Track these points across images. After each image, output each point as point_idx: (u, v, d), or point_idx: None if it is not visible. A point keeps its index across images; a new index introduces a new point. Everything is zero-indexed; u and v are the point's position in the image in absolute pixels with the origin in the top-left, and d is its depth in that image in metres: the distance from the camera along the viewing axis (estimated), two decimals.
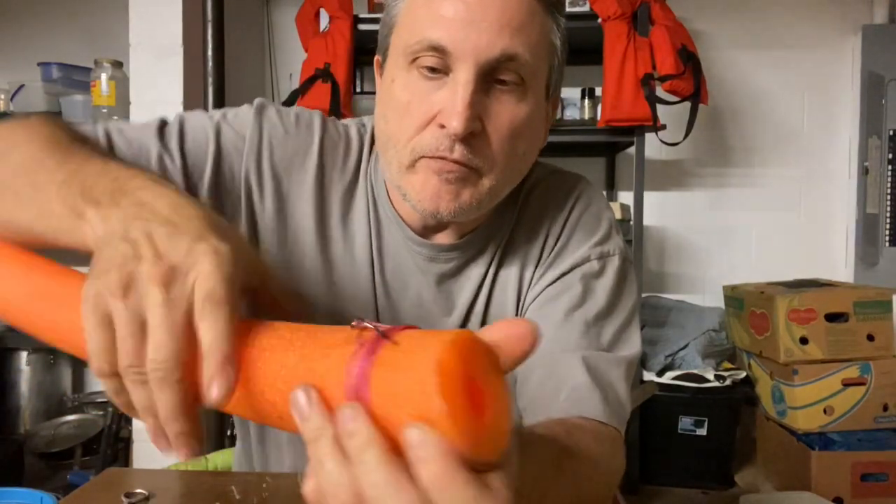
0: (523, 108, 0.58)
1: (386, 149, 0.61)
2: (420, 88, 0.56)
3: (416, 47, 0.56)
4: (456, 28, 0.54)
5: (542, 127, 0.64)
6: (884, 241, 2.51)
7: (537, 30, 0.57)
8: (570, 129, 2.21)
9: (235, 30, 2.13)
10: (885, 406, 1.99)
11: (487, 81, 0.56)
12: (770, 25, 2.57)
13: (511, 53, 0.55)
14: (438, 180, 0.56)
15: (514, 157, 0.59)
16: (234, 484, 0.64)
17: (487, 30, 0.54)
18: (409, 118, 0.56)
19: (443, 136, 0.55)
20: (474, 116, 0.54)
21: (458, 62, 0.54)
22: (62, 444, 2.15)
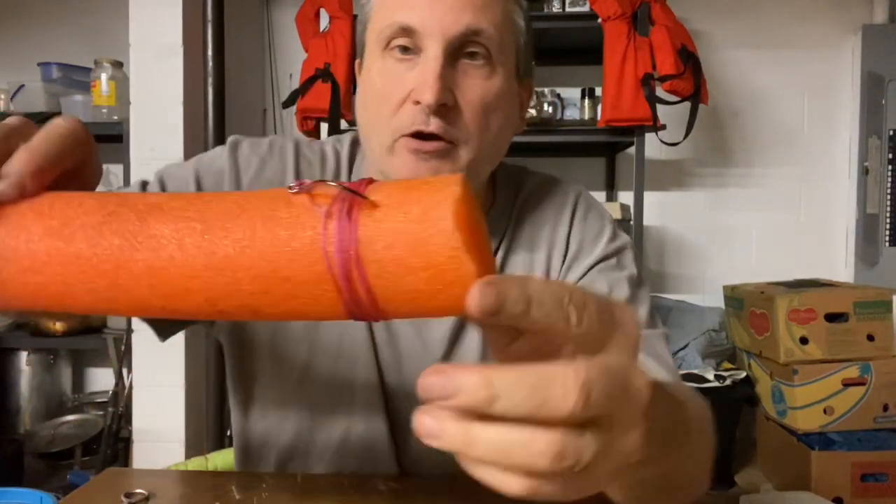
0: (494, 83, 0.61)
1: (368, 136, 0.63)
2: (394, 71, 0.60)
3: (386, 31, 0.60)
4: (422, 8, 0.58)
5: (516, 108, 0.67)
6: (884, 241, 2.51)
7: (500, 8, 0.61)
8: (570, 129, 2.21)
9: (235, 30, 2.14)
10: (885, 406, 1.99)
11: (456, 57, 0.59)
12: (770, 25, 2.57)
13: (475, 28, 0.58)
14: (416, 159, 0.59)
15: (488, 130, 0.61)
16: (234, 484, 0.64)
17: (452, 8, 0.58)
18: (386, 100, 0.59)
19: (418, 112, 0.58)
20: (445, 88, 0.57)
21: (427, 40, 0.58)
22: (62, 444, 2.15)
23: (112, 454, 2.03)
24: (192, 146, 1.92)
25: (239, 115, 2.32)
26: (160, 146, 1.90)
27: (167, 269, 0.30)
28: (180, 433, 1.92)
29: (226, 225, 0.30)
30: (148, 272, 0.30)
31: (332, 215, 0.28)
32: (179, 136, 1.89)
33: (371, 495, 0.63)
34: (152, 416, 1.93)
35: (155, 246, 0.30)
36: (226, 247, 0.30)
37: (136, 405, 1.95)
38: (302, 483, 0.65)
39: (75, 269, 0.31)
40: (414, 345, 0.68)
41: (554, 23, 2.19)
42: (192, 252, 0.30)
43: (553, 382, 0.25)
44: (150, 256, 0.30)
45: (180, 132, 1.90)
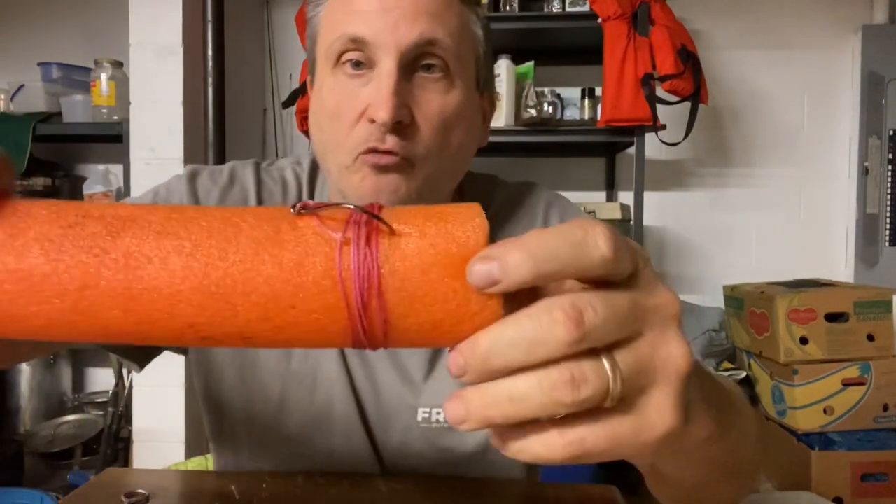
0: (453, 97, 0.58)
1: (325, 157, 0.60)
2: (347, 88, 0.57)
3: (336, 45, 0.56)
4: (373, 19, 0.54)
5: (478, 121, 0.64)
6: (884, 241, 2.51)
7: (455, 17, 0.57)
8: (570, 129, 2.21)
9: (235, 30, 2.13)
10: (885, 406, 1.99)
11: (412, 70, 0.56)
12: (770, 25, 2.57)
13: (430, 38, 0.55)
14: (375, 175, 0.56)
15: (448, 146, 0.58)
16: (234, 484, 0.64)
17: (404, 17, 0.54)
18: (340, 119, 0.57)
19: (374, 129, 0.55)
20: (401, 104, 0.54)
21: (380, 52, 0.55)
22: (62, 444, 2.15)
23: (112, 454, 2.03)
24: (192, 146, 1.92)
25: (239, 115, 2.32)
26: (160, 146, 1.90)
27: (147, 291, 0.27)
28: (180, 433, 1.92)
29: (220, 244, 0.27)
30: (123, 294, 0.27)
31: (349, 241, 0.26)
32: (179, 136, 1.89)
33: (371, 495, 0.62)
34: (152, 416, 1.93)
35: (132, 265, 0.27)
36: (221, 269, 0.27)
37: (136, 405, 1.95)
38: (302, 483, 0.65)
39: (27, 287, 0.27)
40: (391, 375, 0.67)
41: (554, 23, 2.19)
42: (179, 273, 0.27)
43: (536, 319, 0.24)
44: (126, 276, 0.27)
45: (180, 132, 1.90)
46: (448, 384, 0.66)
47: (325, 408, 0.67)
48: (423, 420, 0.66)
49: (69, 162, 2.57)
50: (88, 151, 2.58)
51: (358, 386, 0.67)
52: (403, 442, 0.67)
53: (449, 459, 0.67)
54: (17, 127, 2.13)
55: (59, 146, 2.51)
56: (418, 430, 0.66)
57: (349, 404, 0.66)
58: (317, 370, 0.67)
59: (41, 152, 2.28)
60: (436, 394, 0.67)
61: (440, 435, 0.66)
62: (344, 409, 0.66)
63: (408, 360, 0.67)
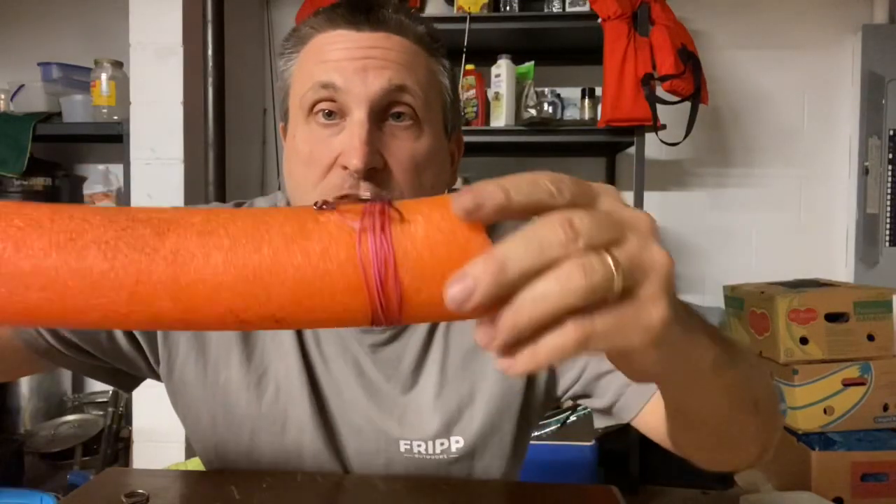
0: (422, 143, 0.60)
1: (297, 202, 0.61)
2: (320, 136, 0.58)
3: (309, 94, 0.58)
4: (343, 67, 0.57)
5: (448, 164, 0.66)
6: (884, 241, 2.51)
7: (423, 68, 0.61)
8: (570, 129, 2.21)
9: (235, 30, 2.13)
10: (885, 406, 1.99)
11: (382, 119, 0.58)
12: (770, 25, 2.57)
13: (399, 84, 0.57)
14: None
15: (421, 189, 0.59)
16: (234, 484, 0.64)
17: (374, 66, 0.57)
18: (313, 166, 0.58)
19: (346, 176, 0.56)
20: (374, 151, 0.56)
21: (351, 101, 0.57)
22: (62, 444, 2.15)
23: (112, 454, 2.03)
24: (192, 146, 1.92)
25: (239, 115, 2.32)
26: (160, 146, 1.90)
27: (193, 282, 0.30)
28: (180, 433, 1.92)
29: (254, 240, 0.31)
30: (172, 286, 0.30)
31: (366, 230, 0.30)
32: (179, 136, 1.89)
33: (371, 495, 0.62)
34: (152, 416, 1.93)
35: (179, 260, 0.30)
36: (257, 260, 0.30)
37: (136, 405, 1.95)
38: (302, 483, 0.65)
39: (88, 284, 0.30)
40: (369, 410, 0.67)
41: (554, 23, 2.19)
42: (221, 266, 0.30)
43: (536, 230, 0.28)
44: (174, 270, 0.30)
45: (180, 132, 1.89)
46: (427, 415, 0.66)
47: (295, 450, 0.67)
48: (405, 451, 0.66)
49: (69, 162, 2.57)
50: (88, 151, 2.58)
51: (334, 425, 0.67)
52: (387, 474, 0.67)
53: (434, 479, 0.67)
54: (17, 127, 2.13)
55: (59, 146, 2.51)
56: (402, 459, 0.66)
57: (319, 444, 0.66)
58: (287, 414, 0.67)
59: (41, 152, 2.28)
60: (414, 427, 0.66)
61: (424, 464, 0.66)
62: (314, 449, 0.66)
63: (386, 395, 0.67)
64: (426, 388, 0.66)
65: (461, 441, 0.66)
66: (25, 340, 0.61)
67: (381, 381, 0.67)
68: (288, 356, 0.67)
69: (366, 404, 0.66)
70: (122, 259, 0.30)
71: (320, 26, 0.60)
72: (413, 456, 0.66)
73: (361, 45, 0.58)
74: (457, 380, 0.66)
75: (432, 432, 0.65)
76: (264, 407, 0.67)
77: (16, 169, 2.12)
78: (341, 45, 0.58)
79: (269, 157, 2.68)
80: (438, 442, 0.65)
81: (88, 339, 0.63)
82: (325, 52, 0.59)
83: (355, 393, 0.67)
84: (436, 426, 0.65)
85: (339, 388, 0.67)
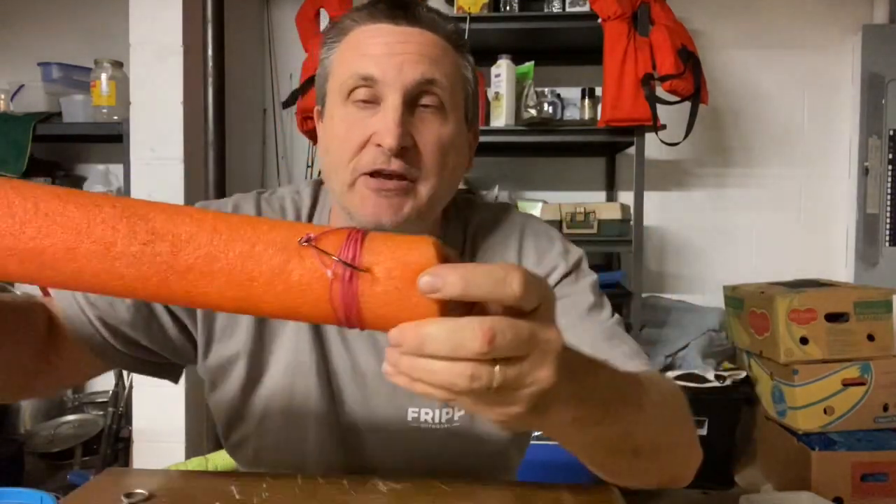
0: (447, 128, 0.67)
1: (331, 177, 0.68)
2: (356, 118, 0.65)
3: (349, 82, 0.65)
4: (382, 61, 0.64)
5: (466, 150, 0.73)
6: (884, 241, 2.51)
7: (450, 63, 0.67)
8: (570, 129, 2.21)
9: (235, 30, 2.13)
10: (885, 406, 1.99)
11: (413, 106, 0.65)
12: (770, 25, 2.57)
13: (430, 77, 0.64)
14: (376, 197, 0.64)
15: (445, 168, 0.67)
16: (234, 484, 0.64)
17: (408, 60, 0.64)
18: (348, 143, 0.64)
19: (379, 153, 0.63)
20: (405, 133, 0.63)
21: (387, 89, 0.63)
22: (62, 444, 2.15)
23: (112, 454, 2.03)
24: (192, 146, 1.92)
25: (239, 115, 2.32)
26: (160, 146, 1.90)
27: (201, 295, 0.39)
28: (180, 433, 1.92)
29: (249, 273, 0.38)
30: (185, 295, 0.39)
31: (338, 278, 0.37)
32: (179, 136, 1.89)
33: (371, 495, 0.63)
34: (152, 416, 1.93)
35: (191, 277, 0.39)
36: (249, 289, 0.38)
37: (136, 405, 1.95)
38: (302, 483, 0.65)
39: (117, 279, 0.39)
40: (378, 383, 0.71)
41: (554, 23, 2.19)
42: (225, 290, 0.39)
43: (464, 330, 0.34)
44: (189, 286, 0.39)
45: (180, 132, 1.89)
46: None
47: (301, 422, 0.70)
48: (412, 420, 0.70)
49: (69, 162, 2.58)
50: (88, 151, 2.58)
51: (342, 397, 0.71)
52: (390, 439, 0.71)
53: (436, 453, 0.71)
54: (17, 127, 2.13)
55: (59, 146, 2.51)
56: (408, 430, 0.70)
57: (325, 417, 0.70)
58: (294, 386, 0.70)
59: (41, 152, 2.28)
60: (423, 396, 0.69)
61: (429, 435, 0.71)
62: (320, 422, 0.70)
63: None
64: None
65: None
66: (83, 338, 0.65)
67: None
68: (300, 328, 0.70)
69: (378, 373, 0.70)
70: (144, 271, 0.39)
71: (361, 19, 0.67)
72: (419, 426, 0.70)
73: (398, 39, 0.64)
74: None
75: None
76: (274, 378, 0.71)
77: (16, 169, 2.12)
78: (381, 38, 0.65)
79: (269, 157, 2.68)
80: (444, 410, 0.70)
81: (140, 327, 0.67)
82: (365, 44, 0.65)
83: (368, 362, 0.71)
84: None
85: (354, 359, 0.71)
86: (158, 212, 0.39)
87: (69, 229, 0.39)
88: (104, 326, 0.65)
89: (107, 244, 0.38)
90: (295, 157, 2.68)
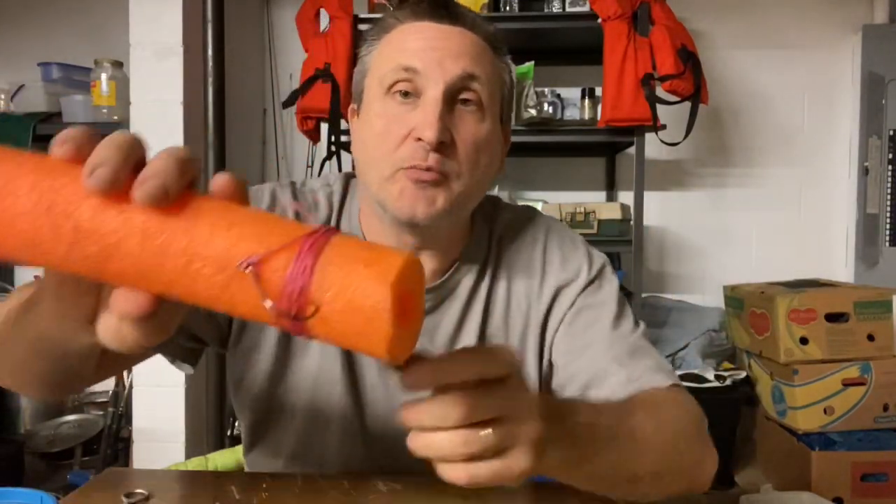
0: (484, 126, 0.67)
1: (366, 171, 0.68)
2: (396, 112, 0.65)
3: (390, 75, 0.65)
4: (424, 53, 0.65)
5: (499, 150, 0.73)
6: (884, 241, 2.51)
7: (489, 63, 0.68)
8: (570, 129, 2.21)
9: (235, 30, 2.13)
10: (886, 406, 1.99)
11: (453, 102, 0.65)
12: (770, 25, 2.57)
13: (471, 72, 0.65)
14: (414, 188, 0.64)
15: (478, 167, 0.67)
16: (234, 484, 0.64)
17: (450, 55, 0.65)
18: (388, 137, 0.65)
19: (419, 147, 0.63)
20: (445, 128, 0.63)
21: (428, 82, 0.64)
22: (62, 444, 2.15)
23: (112, 454, 2.03)
24: (191, 146, 1.92)
25: (239, 115, 2.32)
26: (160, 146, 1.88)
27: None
28: (180, 433, 1.92)
29: (188, 273, 0.34)
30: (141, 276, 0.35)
31: (282, 313, 0.33)
32: (179, 136, 1.89)
33: (371, 495, 0.63)
34: (152, 416, 1.93)
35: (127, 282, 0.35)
36: (189, 297, 0.35)
37: (136, 405, 1.95)
38: (302, 483, 0.65)
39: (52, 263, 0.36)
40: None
41: (554, 23, 2.19)
42: (160, 290, 0.35)
43: (446, 405, 0.38)
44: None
45: (180, 132, 1.89)
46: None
47: (324, 412, 0.71)
48: None
49: None
50: None
51: (363, 390, 0.72)
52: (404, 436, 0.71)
53: None
54: (17, 127, 2.12)
55: None
56: None
57: (347, 408, 0.71)
58: (318, 380, 0.71)
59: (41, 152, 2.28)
60: None
61: None
62: (342, 410, 0.71)
63: None
64: None
65: None
66: None
67: (418, 346, 0.71)
68: None
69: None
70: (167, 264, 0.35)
71: (404, 17, 0.68)
72: None
73: (441, 35, 0.66)
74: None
75: None
76: (301, 369, 0.72)
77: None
78: (424, 34, 0.66)
79: (269, 157, 2.68)
80: None
81: (199, 317, 0.68)
82: (408, 39, 0.66)
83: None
84: None
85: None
86: (88, 209, 0.35)
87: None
88: None
89: (33, 241, 0.34)
90: (295, 157, 2.68)
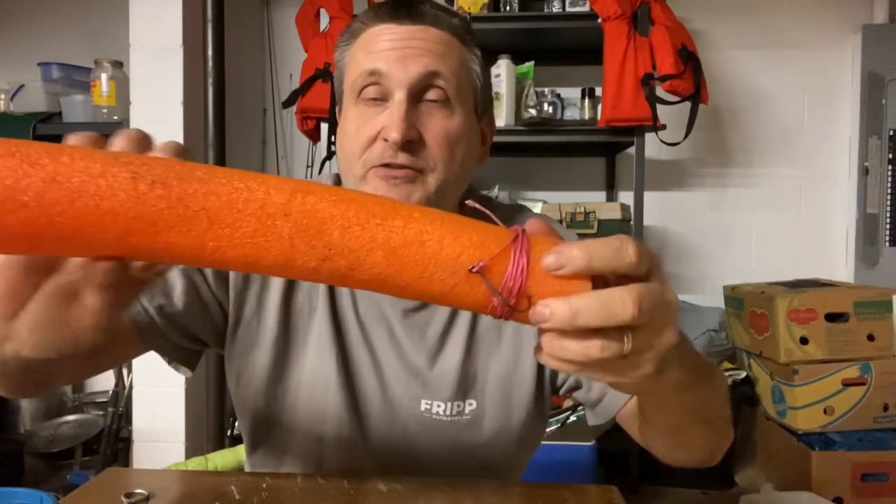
0: (454, 120, 0.68)
1: (345, 172, 0.71)
2: (366, 115, 0.68)
3: (358, 81, 0.68)
4: (388, 57, 0.67)
5: (477, 142, 0.74)
6: (884, 241, 2.51)
7: (455, 56, 0.70)
8: (570, 129, 2.21)
9: (235, 30, 2.13)
10: (885, 406, 1.99)
11: (418, 100, 0.67)
12: (770, 25, 2.57)
13: (433, 70, 0.67)
14: (386, 185, 0.66)
15: (453, 160, 0.68)
16: (234, 484, 0.64)
17: (413, 55, 0.67)
18: (359, 139, 0.67)
19: (387, 147, 0.65)
20: (411, 126, 0.65)
21: (393, 85, 0.66)
22: (62, 444, 2.15)
23: (112, 454, 2.03)
24: (192, 146, 1.92)
25: (239, 115, 2.32)
26: None
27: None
28: (180, 433, 1.92)
29: (419, 287, 0.39)
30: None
31: (498, 305, 0.38)
32: (179, 137, 1.89)
33: (371, 495, 0.63)
34: (152, 416, 1.93)
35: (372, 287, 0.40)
36: (420, 296, 0.40)
37: (136, 405, 1.95)
38: (302, 483, 0.65)
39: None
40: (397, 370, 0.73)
41: (554, 23, 2.19)
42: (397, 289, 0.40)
43: (615, 301, 0.36)
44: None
45: (180, 132, 1.90)
46: (448, 378, 0.73)
47: (320, 407, 0.72)
48: (424, 410, 0.72)
49: None
50: None
51: (358, 384, 0.73)
52: (405, 429, 0.72)
53: (446, 446, 0.72)
54: (17, 127, 2.12)
55: None
56: (420, 418, 0.72)
57: (342, 401, 0.72)
58: (314, 372, 0.72)
59: None
60: (436, 388, 0.72)
61: (439, 426, 0.72)
62: (337, 404, 0.72)
63: (413, 357, 0.73)
64: (450, 354, 0.73)
65: (474, 404, 0.73)
66: (132, 318, 0.67)
67: (409, 343, 0.74)
68: (321, 320, 0.73)
69: (395, 364, 0.73)
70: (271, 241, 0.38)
71: (369, 21, 0.70)
72: (431, 416, 0.72)
73: (402, 36, 0.67)
74: (478, 349, 0.74)
75: (451, 394, 0.72)
76: (299, 366, 0.73)
77: None
78: (385, 37, 0.68)
79: (269, 157, 2.68)
80: (455, 404, 0.72)
81: (191, 303, 0.69)
82: (372, 43, 0.68)
83: (387, 353, 0.74)
84: (455, 389, 0.72)
85: (372, 347, 0.74)
86: (336, 228, 0.37)
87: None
88: (159, 314, 0.67)
89: (288, 259, 0.37)
90: (295, 157, 2.68)
